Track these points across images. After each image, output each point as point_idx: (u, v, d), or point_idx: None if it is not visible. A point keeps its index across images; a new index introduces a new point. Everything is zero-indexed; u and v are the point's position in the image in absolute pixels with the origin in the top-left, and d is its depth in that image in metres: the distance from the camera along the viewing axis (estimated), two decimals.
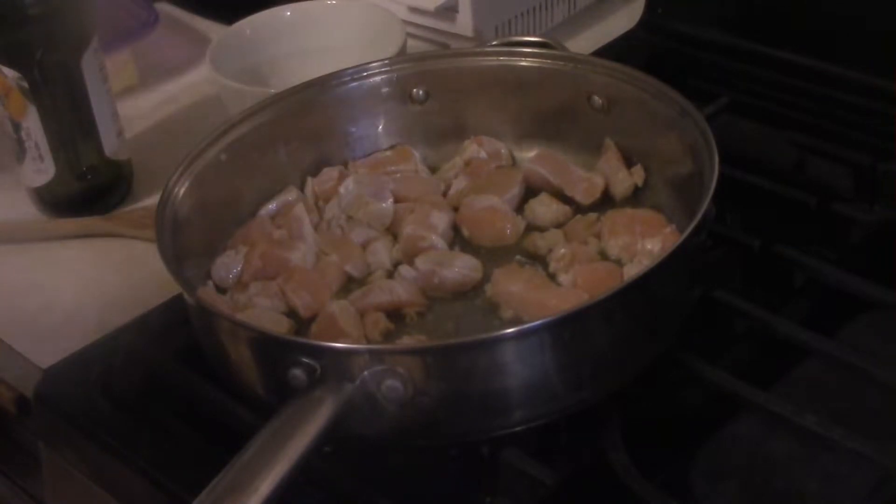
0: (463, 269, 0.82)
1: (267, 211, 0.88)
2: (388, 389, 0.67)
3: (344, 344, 0.73)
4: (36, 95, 0.94)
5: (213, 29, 1.24)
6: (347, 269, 0.83)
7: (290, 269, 0.82)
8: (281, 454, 0.63)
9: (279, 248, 0.84)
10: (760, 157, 0.95)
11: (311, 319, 0.79)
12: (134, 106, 1.13)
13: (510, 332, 0.68)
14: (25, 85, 0.93)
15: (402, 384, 0.66)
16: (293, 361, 0.67)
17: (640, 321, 0.72)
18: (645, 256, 0.80)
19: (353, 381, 0.66)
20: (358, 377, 0.66)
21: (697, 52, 1.07)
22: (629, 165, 0.87)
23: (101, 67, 0.97)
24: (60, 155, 0.97)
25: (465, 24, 1.12)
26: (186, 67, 1.20)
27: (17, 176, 1.00)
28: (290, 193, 0.90)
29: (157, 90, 1.17)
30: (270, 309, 0.80)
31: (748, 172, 0.89)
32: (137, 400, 0.80)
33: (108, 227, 0.99)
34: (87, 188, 1.00)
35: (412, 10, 1.14)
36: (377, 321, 0.78)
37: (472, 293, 0.81)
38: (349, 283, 0.83)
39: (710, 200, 0.73)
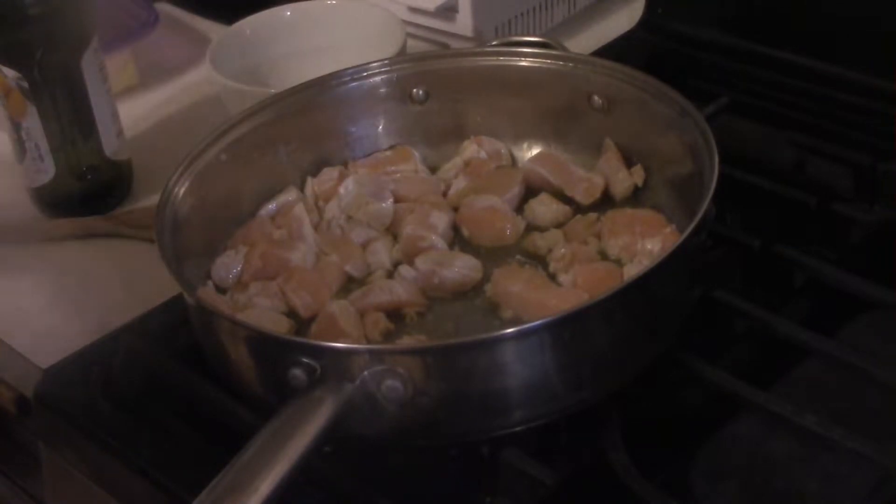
0: (463, 269, 0.82)
1: (267, 211, 0.89)
2: (388, 389, 0.67)
3: (344, 344, 0.73)
4: (36, 95, 0.94)
5: (213, 29, 1.24)
6: (347, 269, 0.83)
7: (290, 269, 0.82)
8: (281, 454, 0.63)
9: (279, 248, 0.84)
10: (760, 157, 0.95)
11: (311, 319, 0.79)
12: (134, 106, 1.12)
13: (510, 332, 0.68)
14: (25, 85, 0.93)
15: (402, 384, 0.66)
16: (293, 361, 0.67)
17: (640, 321, 0.72)
18: (645, 256, 0.80)
19: (353, 381, 0.66)
20: (358, 377, 0.66)
21: (697, 52, 1.07)
22: (629, 165, 0.87)
23: (101, 67, 0.97)
24: (60, 155, 0.97)
25: (465, 24, 1.12)
26: (186, 67, 1.20)
27: (17, 176, 1.00)
28: (290, 193, 0.90)
29: (157, 90, 1.17)
30: (270, 309, 0.80)
31: (748, 172, 0.89)
32: (137, 400, 0.80)
33: (108, 227, 0.99)
34: (87, 188, 1.00)
35: (412, 10, 1.14)
36: (377, 321, 0.78)
37: (472, 293, 0.81)
38: (349, 283, 0.83)
39: (710, 200, 0.73)
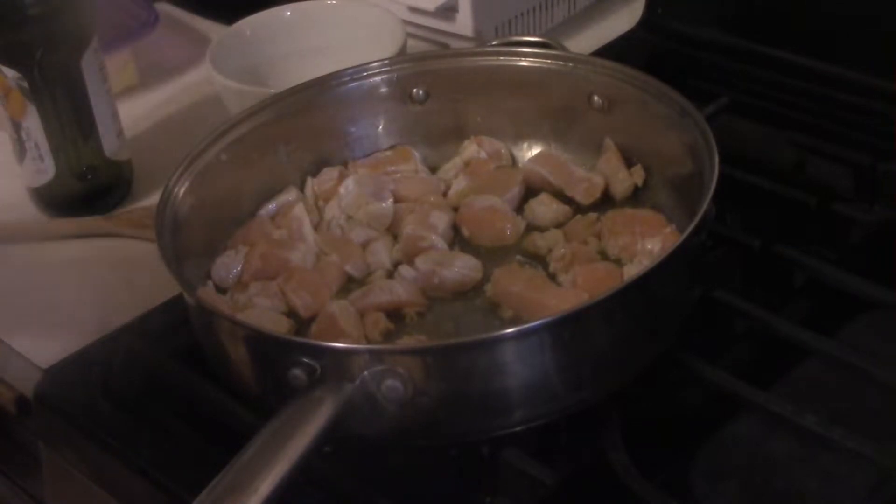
0: (463, 269, 0.82)
1: (267, 211, 0.89)
2: (388, 389, 0.67)
3: (344, 344, 0.73)
4: (36, 95, 0.94)
5: (213, 29, 1.24)
6: (347, 269, 0.83)
7: (290, 269, 0.82)
8: (281, 454, 0.63)
9: (279, 248, 0.84)
10: (760, 157, 0.95)
11: (311, 319, 0.79)
12: (134, 106, 1.12)
13: (510, 332, 0.68)
14: (25, 85, 0.93)
15: (402, 384, 0.66)
16: (293, 361, 0.67)
17: (640, 321, 0.72)
18: (645, 256, 0.80)
19: (353, 381, 0.66)
20: (358, 377, 0.66)
21: (697, 52, 1.07)
22: (629, 165, 0.87)
23: (101, 67, 0.97)
24: (60, 155, 0.97)
25: (465, 24, 1.12)
26: (186, 67, 1.20)
27: (17, 176, 1.00)
28: (290, 193, 0.90)
29: (157, 90, 1.17)
30: (270, 309, 0.80)
31: (748, 172, 0.89)
32: (137, 400, 0.80)
33: (108, 227, 0.99)
34: (87, 188, 1.00)
35: (412, 10, 1.14)
36: (377, 321, 0.78)
37: (472, 293, 0.81)
38: (349, 283, 0.83)
39: (710, 200, 0.73)
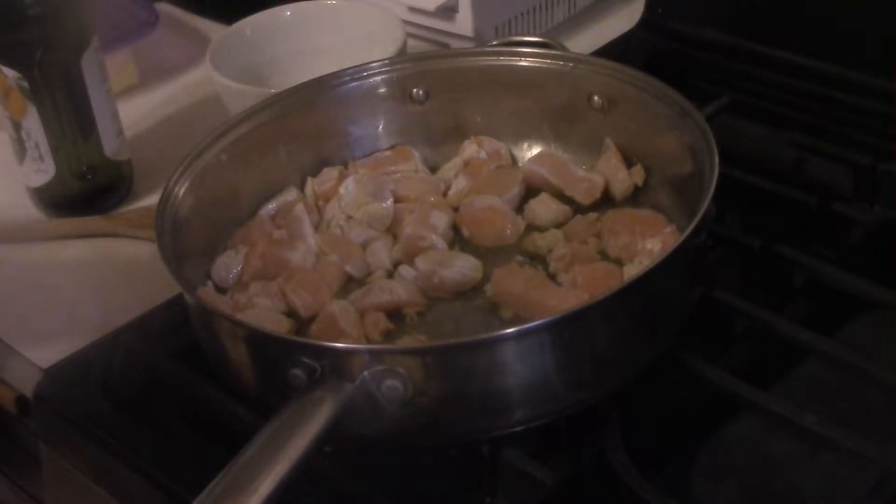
0: (463, 269, 0.81)
1: (267, 211, 0.88)
2: (388, 389, 0.67)
3: (344, 344, 0.73)
4: (36, 95, 0.94)
5: (213, 29, 1.24)
6: (347, 269, 0.83)
7: (290, 269, 0.82)
8: (281, 454, 0.63)
9: (279, 248, 0.84)
10: (760, 157, 0.95)
11: (311, 319, 0.79)
12: (134, 106, 1.12)
13: (510, 332, 0.68)
14: (25, 85, 0.93)
15: (402, 384, 0.66)
16: (293, 361, 0.67)
17: (640, 321, 0.72)
18: (645, 256, 0.80)
19: (353, 381, 0.66)
20: (358, 377, 0.66)
21: (697, 52, 1.07)
22: (629, 165, 0.87)
23: (101, 67, 0.97)
24: (60, 155, 0.97)
25: (465, 24, 1.12)
26: (186, 67, 1.20)
27: (17, 176, 1.00)
28: (290, 193, 0.90)
29: (157, 90, 1.17)
30: (270, 309, 0.80)
31: (748, 172, 0.89)
32: (137, 400, 0.80)
33: (108, 227, 0.99)
34: (87, 188, 1.00)
35: (412, 10, 1.14)
36: (377, 321, 0.78)
37: (472, 293, 0.81)
38: (349, 283, 0.83)
39: (710, 200, 0.73)
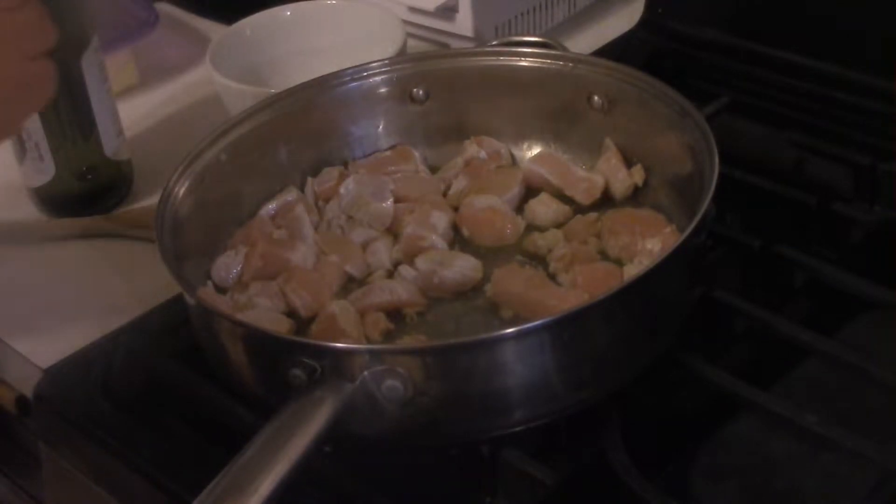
0: (463, 269, 0.81)
1: (267, 211, 0.88)
2: (388, 389, 0.67)
3: (344, 344, 0.73)
4: None
5: (213, 29, 1.24)
6: (347, 269, 0.83)
7: (290, 269, 0.82)
8: (281, 454, 0.63)
9: (279, 248, 0.84)
10: (760, 157, 0.95)
11: (311, 319, 0.79)
12: (134, 106, 1.12)
13: (510, 332, 0.68)
14: None
15: (402, 384, 0.66)
16: (293, 361, 0.67)
17: (640, 321, 0.72)
18: (645, 256, 0.80)
19: (353, 381, 0.66)
20: (358, 377, 0.66)
21: (697, 52, 1.07)
22: (629, 165, 0.87)
23: (101, 67, 0.97)
24: (60, 155, 0.97)
25: (465, 24, 1.12)
26: (186, 67, 1.20)
27: (17, 176, 1.00)
28: (290, 193, 0.90)
29: (157, 90, 1.17)
30: (270, 309, 0.80)
31: (748, 172, 0.89)
32: (137, 400, 0.80)
33: (108, 227, 0.99)
34: (87, 188, 1.00)
35: (412, 10, 1.14)
36: (377, 321, 0.78)
37: (472, 293, 0.81)
38: (349, 283, 0.83)
39: (710, 200, 0.73)
